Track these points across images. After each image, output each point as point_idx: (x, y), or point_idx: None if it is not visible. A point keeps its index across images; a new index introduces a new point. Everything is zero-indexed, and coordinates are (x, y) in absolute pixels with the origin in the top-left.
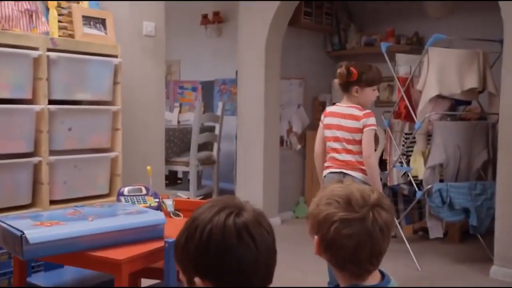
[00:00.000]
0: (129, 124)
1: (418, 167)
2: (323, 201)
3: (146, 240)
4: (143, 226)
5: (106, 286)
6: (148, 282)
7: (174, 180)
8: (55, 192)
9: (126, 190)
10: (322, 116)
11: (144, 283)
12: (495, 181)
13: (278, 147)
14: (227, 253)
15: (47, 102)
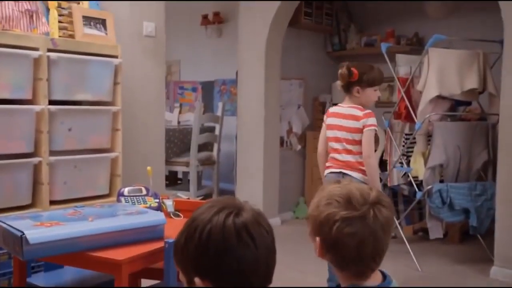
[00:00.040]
0: (129, 124)
1: (418, 168)
2: (323, 202)
3: (146, 240)
4: (143, 226)
5: (106, 287)
6: (148, 282)
7: (174, 181)
8: (55, 192)
9: (126, 190)
10: (325, 117)
11: (144, 284)
12: (495, 181)
13: (278, 148)
14: (227, 253)
15: (47, 102)
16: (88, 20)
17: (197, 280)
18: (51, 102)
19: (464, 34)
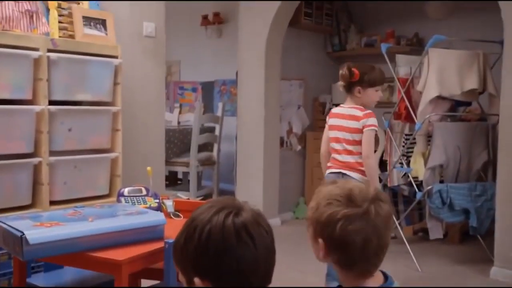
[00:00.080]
0: (129, 124)
1: (418, 168)
2: (323, 203)
3: (146, 240)
4: (143, 226)
5: (106, 287)
6: (148, 282)
7: (174, 181)
8: (55, 192)
9: (126, 190)
10: (327, 118)
11: (144, 284)
12: (495, 182)
13: (278, 148)
14: (226, 253)
15: (47, 102)
16: (88, 21)
17: (196, 280)
18: (51, 102)
19: (464, 35)
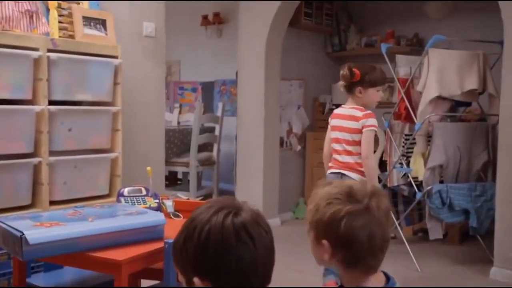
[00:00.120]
0: (129, 124)
1: (418, 168)
2: (322, 203)
3: (146, 240)
4: (143, 227)
5: (106, 287)
6: (148, 283)
7: (174, 181)
8: (55, 192)
9: (126, 190)
10: (330, 118)
11: (144, 284)
12: (495, 182)
13: (278, 148)
14: (226, 253)
15: (47, 102)
16: (88, 21)
17: (196, 280)
18: (51, 102)
19: (464, 35)
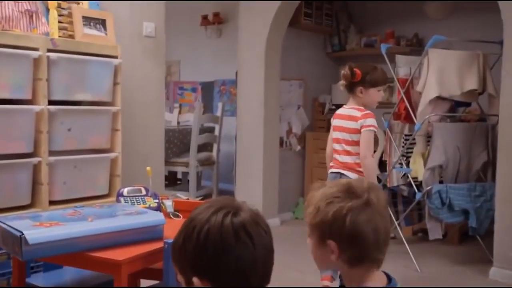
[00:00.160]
0: (128, 124)
1: (418, 169)
2: (322, 204)
3: (146, 240)
4: (143, 226)
5: (105, 287)
6: (148, 282)
7: (174, 181)
8: (54, 192)
9: (125, 190)
10: (332, 119)
11: (144, 284)
12: (495, 182)
13: (278, 148)
14: (225, 252)
15: (47, 102)
16: (88, 20)
17: (195, 280)
18: (51, 102)
19: (464, 35)
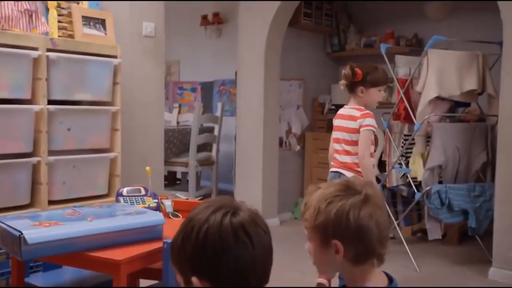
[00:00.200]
0: (128, 124)
1: (417, 169)
2: (322, 205)
3: (145, 240)
4: (142, 226)
5: (104, 287)
6: (147, 282)
7: (173, 181)
8: (54, 192)
9: (125, 190)
10: (334, 119)
11: (143, 284)
12: (494, 182)
13: (277, 148)
14: (224, 252)
15: (46, 102)
16: (88, 20)
17: (194, 280)
18: (50, 102)
19: (463, 35)
